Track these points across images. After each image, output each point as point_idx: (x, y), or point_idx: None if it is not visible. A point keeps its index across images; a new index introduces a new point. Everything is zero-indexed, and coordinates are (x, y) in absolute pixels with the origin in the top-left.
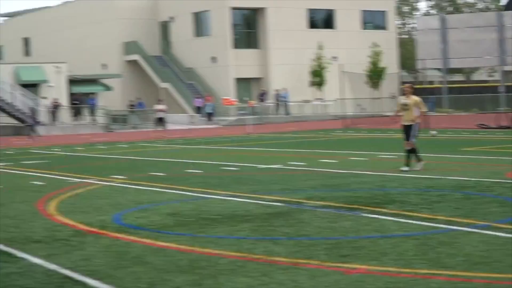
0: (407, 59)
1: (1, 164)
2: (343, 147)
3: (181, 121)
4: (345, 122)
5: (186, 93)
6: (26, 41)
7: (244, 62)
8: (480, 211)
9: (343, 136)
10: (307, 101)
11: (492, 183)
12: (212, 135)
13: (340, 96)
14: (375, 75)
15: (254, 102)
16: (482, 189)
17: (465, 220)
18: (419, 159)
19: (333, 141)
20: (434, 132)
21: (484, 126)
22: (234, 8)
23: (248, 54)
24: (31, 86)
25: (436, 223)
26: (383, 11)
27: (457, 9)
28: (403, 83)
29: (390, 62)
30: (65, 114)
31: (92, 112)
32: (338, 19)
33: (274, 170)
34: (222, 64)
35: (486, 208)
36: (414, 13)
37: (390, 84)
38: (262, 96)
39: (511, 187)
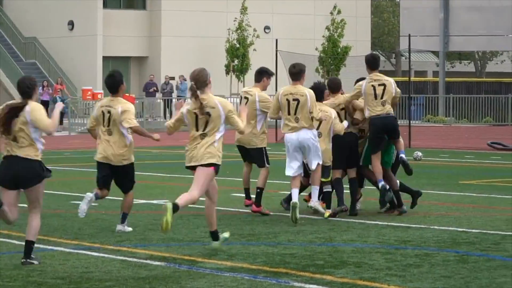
0: (384, 35)
1: None
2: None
3: None
4: (280, 132)
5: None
6: None
7: (121, 32)
8: (483, 282)
9: (278, 156)
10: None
11: (504, 237)
12: (60, 148)
13: (274, 91)
14: (333, 59)
15: (134, 96)
16: (487, 246)
17: None
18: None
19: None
20: (419, 155)
21: (499, 147)
22: None
23: (127, 18)
24: None
25: None
26: None
27: None
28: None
29: (358, 38)
30: None
31: None
32: None
33: (156, 207)
34: (85, 34)
35: (492, 278)
36: None
37: (355, 72)
38: (150, 88)
39: None
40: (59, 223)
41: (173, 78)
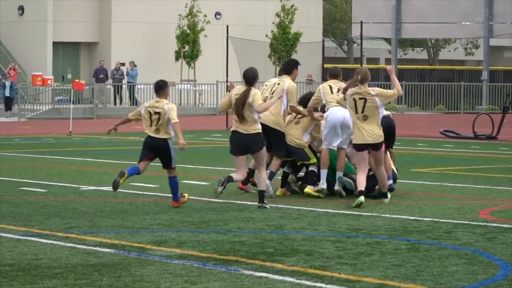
0: (336, 21)
1: None
2: (219, 161)
3: None
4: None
5: None
6: None
7: (71, 17)
8: (434, 270)
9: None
10: (170, 84)
11: (455, 226)
12: (10, 134)
13: (224, 77)
14: (284, 45)
15: (83, 82)
16: (439, 235)
17: (406, 285)
18: None
19: (215, 151)
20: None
21: (451, 134)
22: None
23: (77, 4)
24: None
25: None
26: None
27: None
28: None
29: (309, 25)
30: None
31: None
32: None
33: (105, 194)
34: (35, 19)
35: (443, 266)
36: None
37: (307, 59)
38: (99, 74)
39: (486, 233)
40: (8, 210)
41: (123, 64)
